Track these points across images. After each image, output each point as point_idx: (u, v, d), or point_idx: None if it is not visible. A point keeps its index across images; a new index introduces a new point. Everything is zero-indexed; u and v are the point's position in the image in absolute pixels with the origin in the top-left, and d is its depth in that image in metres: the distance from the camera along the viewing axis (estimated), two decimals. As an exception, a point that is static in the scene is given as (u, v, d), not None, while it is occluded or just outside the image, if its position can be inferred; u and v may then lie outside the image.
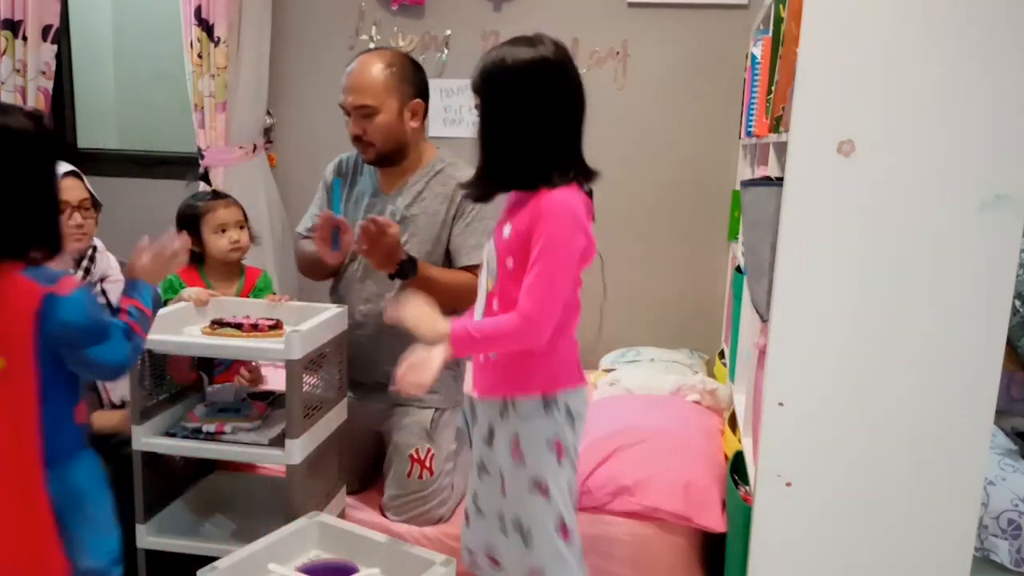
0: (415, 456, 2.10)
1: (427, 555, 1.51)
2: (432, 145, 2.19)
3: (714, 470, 2.11)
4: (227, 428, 1.81)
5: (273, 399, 1.99)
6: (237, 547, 1.54)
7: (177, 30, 3.17)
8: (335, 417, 1.95)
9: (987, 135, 1.36)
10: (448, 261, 2.13)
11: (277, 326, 1.87)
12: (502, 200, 1.96)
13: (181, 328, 1.90)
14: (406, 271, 1.95)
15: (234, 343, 1.82)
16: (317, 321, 1.83)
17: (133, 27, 3.98)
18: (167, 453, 1.88)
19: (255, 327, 1.84)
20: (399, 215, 2.09)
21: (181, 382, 2.02)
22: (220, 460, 2.12)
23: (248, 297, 2.22)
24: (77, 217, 2.06)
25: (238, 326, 1.85)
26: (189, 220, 2.19)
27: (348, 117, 2.07)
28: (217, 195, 2.26)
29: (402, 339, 2.00)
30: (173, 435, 1.82)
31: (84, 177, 2.12)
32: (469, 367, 1.74)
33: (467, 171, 1.97)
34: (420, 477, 2.10)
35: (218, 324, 1.87)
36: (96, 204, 2.13)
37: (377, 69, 2.03)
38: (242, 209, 2.25)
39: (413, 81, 2.08)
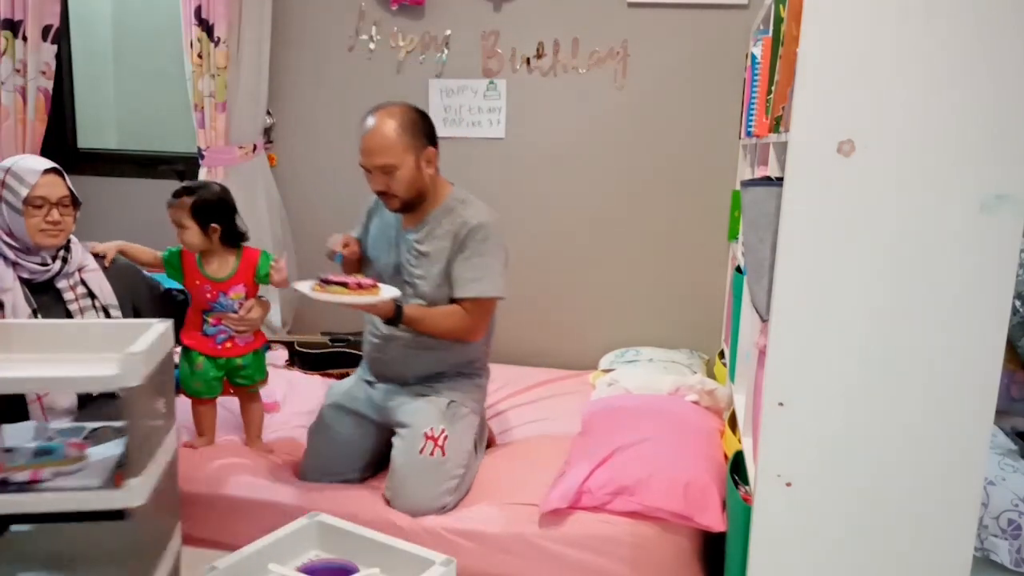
0: (429, 434, 2.17)
1: (427, 555, 1.51)
2: (447, 182, 2.32)
3: (714, 470, 2.11)
4: (45, 474, 1.54)
5: (87, 435, 1.75)
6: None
7: (177, 30, 3.17)
8: (168, 447, 1.74)
9: (987, 135, 1.36)
10: None
11: (375, 285, 2.07)
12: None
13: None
14: (395, 323, 2.18)
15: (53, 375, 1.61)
16: (150, 340, 1.61)
17: (133, 27, 3.98)
18: None
19: (359, 286, 2.03)
20: (415, 250, 2.26)
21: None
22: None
23: (255, 280, 2.40)
24: (55, 214, 2.04)
25: (344, 284, 2.02)
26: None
27: (369, 174, 2.21)
28: (178, 191, 2.35)
29: (429, 351, 2.26)
30: None
31: (65, 175, 2.11)
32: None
33: (475, 208, 2.26)
34: (432, 455, 2.14)
35: (325, 282, 2.03)
36: (76, 202, 2.13)
37: (390, 128, 2.15)
38: (193, 206, 2.31)
39: (424, 132, 2.22)
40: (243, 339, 2.38)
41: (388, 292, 2.10)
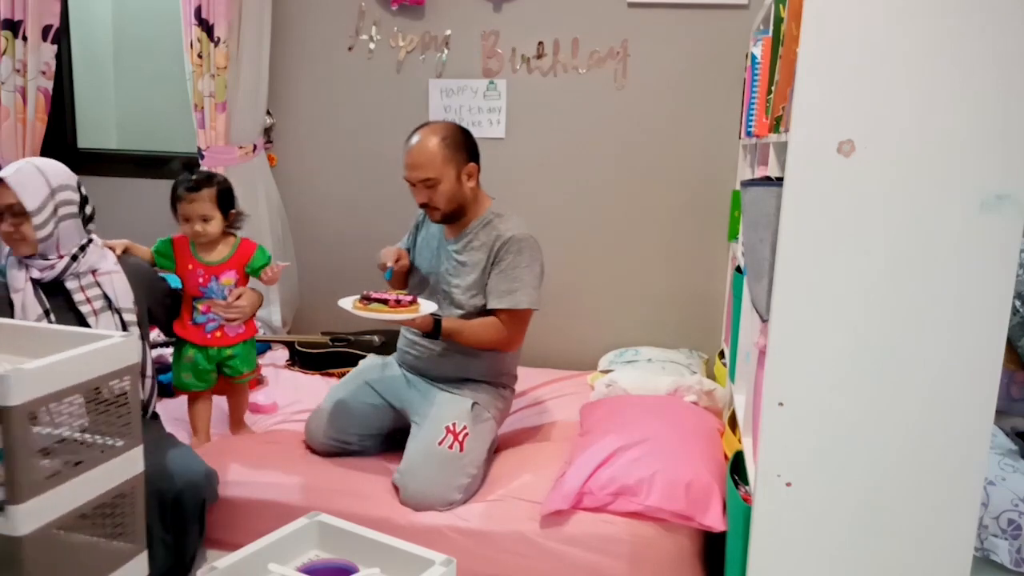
0: (451, 428, 2.22)
1: (427, 555, 1.51)
2: (488, 196, 2.42)
3: (715, 470, 2.11)
4: None
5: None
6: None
7: (177, 30, 3.17)
8: (115, 471, 1.54)
9: (987, 135, 1.36)
10: None
11: (414, 302, 2.19)
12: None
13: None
14: (434, 336, 2.29)
15: None
16: (67, 356, 1.43)
17: (133, 27, 3.98)
18: None
19: (398, 303, 2.14)
20: (454, 261, 2.36)
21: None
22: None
23: (245, 270, 2.40)
24: (5, 225, 1.97)
25: (384, 302, 2.14)
26: (171, 202, 2.36)
27: (413, 187, 2.31)
28: (194, 184, 2.32)
29: (460, 355, 2.36)
30: None
31: (10, 182, 1.93)
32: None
33: (511, 222, 2.33)
34: (450, 447, 2.19)
35: (367, 300, 2.15)
36: (26, 209, 1.93)
37: (433, 143, 2.26)
38: (218, 195, 2.33)
39: (465, 147, 2.32)
40: (233, 329, 2.39)
41: (427, 308, 2.19)
